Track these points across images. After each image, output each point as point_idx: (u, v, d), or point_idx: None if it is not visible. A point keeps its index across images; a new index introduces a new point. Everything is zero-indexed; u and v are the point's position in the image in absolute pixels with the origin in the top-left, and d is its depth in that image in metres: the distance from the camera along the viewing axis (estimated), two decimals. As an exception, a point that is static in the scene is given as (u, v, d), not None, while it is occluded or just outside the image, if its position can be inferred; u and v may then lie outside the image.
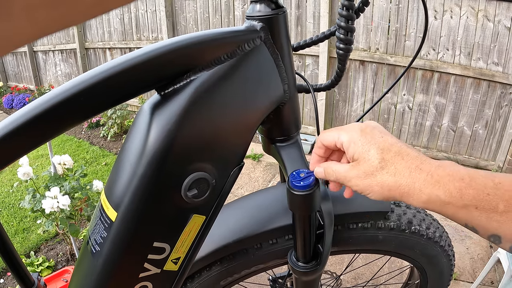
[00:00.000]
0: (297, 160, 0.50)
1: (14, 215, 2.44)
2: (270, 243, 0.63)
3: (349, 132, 0.42)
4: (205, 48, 0.39)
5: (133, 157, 0.39)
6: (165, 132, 0.38)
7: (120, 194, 0.40)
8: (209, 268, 0.65)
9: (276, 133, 0.51)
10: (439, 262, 0.72)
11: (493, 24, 2.23)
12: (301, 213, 0.53)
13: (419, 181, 0.35)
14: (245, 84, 0.42)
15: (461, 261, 1.88)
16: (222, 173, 0.44)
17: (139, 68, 0.36)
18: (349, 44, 0.46)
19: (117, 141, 3.61)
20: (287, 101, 0.47)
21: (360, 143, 0.40)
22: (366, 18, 2.60)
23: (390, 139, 0.39)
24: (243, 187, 2.63)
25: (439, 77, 2.52)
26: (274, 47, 0.43)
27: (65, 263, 1.99)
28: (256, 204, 0.66)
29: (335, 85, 0.54)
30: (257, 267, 0.67)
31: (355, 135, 0.41)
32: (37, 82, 5.08)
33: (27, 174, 1.60)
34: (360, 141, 0.40)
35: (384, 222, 0.64)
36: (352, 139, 0.41)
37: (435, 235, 0.68)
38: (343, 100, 2.94)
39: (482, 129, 2.50)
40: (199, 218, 0.44)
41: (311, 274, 0.59)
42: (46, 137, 0.35)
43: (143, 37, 3.77)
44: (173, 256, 0.45)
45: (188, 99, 0.38)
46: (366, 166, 0.38)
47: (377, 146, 0.39)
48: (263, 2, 0.42)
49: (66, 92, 0.34)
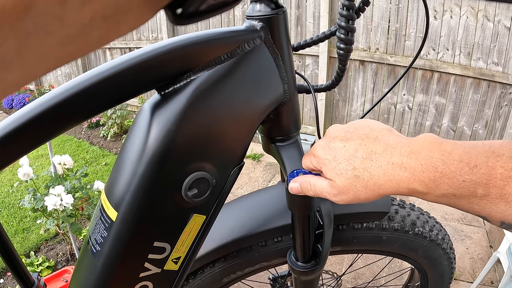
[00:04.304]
0: (296, 160, 0.50)
1: (14, 215, 2.44)
2: (275, 241, 0.64)
3: (317, 153, 0.41)
4: (205, 48, 0.39)
5: (133, 156, 0.39)
6: (165, 132, 0.38)
7: (121, 194, 0.40)
8: (212, 265, 0.65)
9: (276, 133, 0.51)
10: (440, 265, 0.72)
11: (493, 24, 2.23)
12: (300, 213, 0.54)
13: (395, 177, 0.34)
14: (245, 84, 0.42)
15: (461, 261, 1.88)
16: (222, 172, 0.44)
17: (140, 68, 0.36)
18: (350, 44, 0.46)
19: (117, 141, 3.61)
20: (287, 101, 0.47)
21: (327, 161, 0.39)
22: (366, 18, 2.60)
23: (353, 144, 0.38)
24: (243, 187, 2.63)
25: (439, 77, 2.52)
26: (274, 47, 0.43)
27: (65, 263, 2.00)
28: (260, 202, 0.66)
29: (336, 86, 0.54)
30: (261, 265, 0.67)
31: (321, 155, 0.40)
32: (37, 82, 5.08)
33: (27, 174, 1.61)
34: (327, 160, 0.39)
35: (388, 223, 0.64)
36: (320, 161, 0.40)
37: (437, 238, 0.68)
38: (343, 100, 2.94)
39: (482, 129, 2.50)
40: (199, 218, 0.44)
41: (310, 274, 0.59)
42: (47, 137, 0.35)
43: (143, 37, 3.77)
44: (174, 255, 0.45)
45: (188, 99, 0.38)
46: (342, 180, 0.38)
47: (343, 158, 0.38)
48: (263, 2, 0.42)
49: (66, 92, 0.34)
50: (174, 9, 0.18)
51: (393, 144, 0.36)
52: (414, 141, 0.34)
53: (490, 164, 0.29)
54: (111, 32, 0.16)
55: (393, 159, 0.34)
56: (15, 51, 0.13)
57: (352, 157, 0.37)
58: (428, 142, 0.33)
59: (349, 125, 0.42)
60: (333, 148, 0.39)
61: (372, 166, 0.36)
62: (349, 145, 0.38)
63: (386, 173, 0.35)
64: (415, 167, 0.33)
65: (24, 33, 0.13)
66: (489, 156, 0.29)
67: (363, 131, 0.39)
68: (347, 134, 0.40)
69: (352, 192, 0.38)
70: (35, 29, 0.13)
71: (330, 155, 0.39)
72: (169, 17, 0.18)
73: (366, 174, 0.36)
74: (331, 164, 0.39)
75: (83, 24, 0.14)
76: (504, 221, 0.30)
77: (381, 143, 0.37)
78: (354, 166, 0.37)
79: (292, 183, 0.45)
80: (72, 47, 0.15)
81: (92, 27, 0.15)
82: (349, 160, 0.37)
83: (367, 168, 0.36)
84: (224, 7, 0.20)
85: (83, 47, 0.16)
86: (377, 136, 0.38)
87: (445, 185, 0.31)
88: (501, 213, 0.29)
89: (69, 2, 0.13)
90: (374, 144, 0.37)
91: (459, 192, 0.30)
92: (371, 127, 0.40)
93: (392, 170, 0.34)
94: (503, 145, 0.30)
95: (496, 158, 0.29)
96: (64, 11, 0.13)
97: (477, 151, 0.30)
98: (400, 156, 0.34)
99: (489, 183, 0.29)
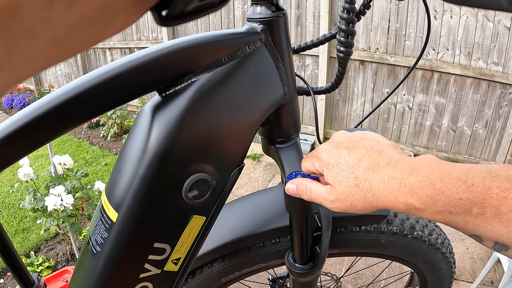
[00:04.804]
0: (295, 162, 0.50)
1: (14, 215, 2.44)
2: (273, 242, 0.64)
3: (320, 156, 0.41)
4: (206, 50, 0.39)
5: (134, 158, 0.39)
6: (166, 133, 0.38)
7: (121, 195, 0.40)
8: (210, 265, 0.66)
9: (276, 135, 0.51)
10: (439, 269, 0.72)
11: (493, 24, 2.23)
12: (298, 215, 0.54)
13: (393, 191, 0.34)
14: (245, 86, 0.42)
15: (461, 261, 1.89)
16: (222, 174, 0.44)
17: (141, 69, 0.36)
18: (350, 47, 0.46)
19: (117, 141, 3.61)
20: (287, 103, 0.47)
21: (330, 166, 0.39)
22: (366, 18, 2.60)
23: (358, 154, 0.38)
24: (243, 187, 2.63)
25: (439, 77, 2.52)
26: (275, 49, 0.43)
27: (65, 263, 2.00)
28: (259, 204, 0.66)
29: (336, 88, 0.55)
30: (259, 266, 0.67)
31: (325, 159, 0.40)
32: (37, 82, 5.08)
33: (28, 175, 1.61)
34: (330, 164, 0.40)
35: (387, 226, 0.64)
36: (323, 164, 0.40)
37: (437, 242, 0.68)
38: (343, 100, 2.94)
39: (482, 129, 2.50)
40: (199, 219, 0.44)
41: (307, 276, 0.59)
42: (48, 138, 0.35)
43: (143, 37, 3.77)
44: (174, 256, 0.45)
45: (189, 101, 0.38)
46: (342, 187, 0.38)
47: (346, 166, 0.38)
48: (263, 5, 0.42)
49: (67, 93, 0.34)
50: (160, 10, 0.18)
51: (396, 160, 0.36)
52: (416, 160, 0.35)
53: (486, 183, 0.30)
54: (99, 34, 0.16)
55: (394, 174, 0.35)
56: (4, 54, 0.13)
57: (355, 166, 0.38)
58: (429, 161, 0.34)
59: (355, 134, 0.42)
60: (337, 154, 0.40)
61: (374, 178, 0.36)
62: (354, 154, 0.39)
63: (386, 186, 0.35)
64: (414, 183, 0.33)
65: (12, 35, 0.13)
66: (486, 177, 0.30)
67: (369, 142, 0.40)
68: (353, 143, 0.40)
69: (350, 200, 0.38)
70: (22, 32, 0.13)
71: (334, 160, 0.39)
72: (156, 18, 0.18)
73: (367, 184, 0.36)
74: (334, 169, 0.39)
75: (70, 26, 0.15)
76: (497, 241, 0.30)
77: (385, 157, 0.37)
78: (356, 175, 0.37)
79: (290, 184, 0.45)
80: (60, 48, 0.15)
81: (79, 29, 0.15)
82: (352, 169, 0.38)
83: (368, 179, 0.36)
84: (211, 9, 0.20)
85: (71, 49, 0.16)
86: (382, 150, 0.38)
87: (441, 202, 0.31)
88: (495, 233, 0.30)
89: (55, 6, 0.14)
90: (379, 157, 0.37)
91: (455, 210, 0.31)
92: (377, 140, 0.40)
93: (392, 184, 0.35)
94: (500, 167, 0.31)
95: (493, 178, 0.30)
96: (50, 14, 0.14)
97: (474, 171, 0.31)
98: (401, 172, 0.35)
99: (485, 202, 0.29)
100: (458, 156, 2.62)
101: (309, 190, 0.42)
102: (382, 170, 0.36)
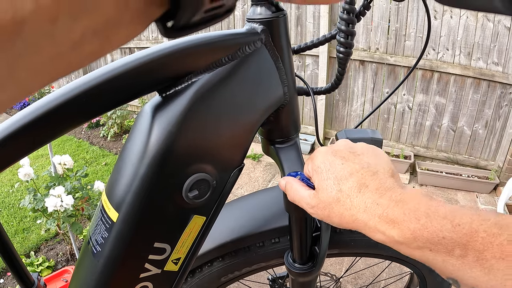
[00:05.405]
0: (294, 162, 0.50)
1: (14, 215, 2.44)
2: (272, 242, 0.64)
3: (314, 159, 0.40)
4: (206, 50, 0.39)
5: (134, 158, 0.39)
6: (166, 134, 0.38)
7: (122, 195, 0.40)
8: (210, 264, 0.66)
9: (275, 135, 0.51)
10: None
11: (493, 24, 2.23)
12: (297, 215, 0.54)
13: (374, 218, 0.33)
14: (245, 86, 0.42)
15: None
16: (222, 174, 0.44)
17: (141, 70, 0.36)
18: (350, 48, 0.46)
19: (117, 141, 3.61)
20: (287, 103, 0.47)
21: (319, 170, 0.38)
22: (366, 18, 2.60)
23: (351, 167, 0.37)
24: (243, 187, 2.63)
25: (439, 77, 2.52)
26: (275, 50, 0.43)
27: (65, 263, 2.00)
28: (259, 204, 0.66)
29: (336, 88, 0.55)
30: (259, 265, 0.67)
31: (317, 163, 0.39)
32: (37, 82, 5.08)
33: (28, 175, 1.61)
34: (319, 169, 0.39)
35: None
36: (314, 167, 0.40)
37: None
38: (343, 100, 2.94)
39: (482, 129, 2.50)
40: (199, 219, 0.44)
41: (307, 276, 0.59)
42: (48, 138, 0.35)
43: (143, 37, 3.77)
44: (174, 256, 0.45)
45: (189, 101, 0.38)
46: (324, 196, 0.37)
47: (335, 176, 0.37)
48: (263, 5, 0.42)
49: (68, 94, 0.34)
50: (165, 22, 0.18)
51: (388, 187, 0.35)
52: (408, 192, 0.34)
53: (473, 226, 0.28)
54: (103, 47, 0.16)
55: (380, 200, 0.33)
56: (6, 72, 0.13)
57: (343, 178, 0.36)
58: (419, 196, 0.33)
59: (358, 146, 0.41)
60: (330, 161, 0.38)
61: (357, 198, 0.35)
62: (347, 166, 0.37)
63: (367, 210, 0.34)
64: (398, 214, 0.32)
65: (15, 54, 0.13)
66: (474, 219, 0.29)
67: (368, 159, 0.38)
68: (351, 155, 0.39)
69: (327, 211, 0.37)
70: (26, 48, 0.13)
71: (325, 166, 0.38)
72: (160, 30, 0.18)
73: (348, 202, 0.35)
74: (322, 175, 0.38)
75: (74, 40, 0.14)
76: None
77: (377, 180, 0.35)
78: (340, 188, 0.36)
79: (282, 179, 0.45)
80: (65, 63, 0.15)
81: (84, 43, 0.15)
82: (339, 180, 0.36)
83: (351, 197, 0.35)
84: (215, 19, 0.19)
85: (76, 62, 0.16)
86: (377, 171, 0.37)
87: (423, 238, 0.30)
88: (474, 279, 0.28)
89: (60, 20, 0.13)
90: (370, 178, 0.36)
91: (436, 248, 0.29)
92: (377, 160, 0.38)
93: (375, 210, 0.33)
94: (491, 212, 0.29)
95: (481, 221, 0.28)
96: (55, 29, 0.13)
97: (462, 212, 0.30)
98: (388, 200, 0.33)
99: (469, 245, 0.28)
100: (458, 156, 2.62)
101: (294, 191, 0.42)
102: (368, 193, 0.34)
